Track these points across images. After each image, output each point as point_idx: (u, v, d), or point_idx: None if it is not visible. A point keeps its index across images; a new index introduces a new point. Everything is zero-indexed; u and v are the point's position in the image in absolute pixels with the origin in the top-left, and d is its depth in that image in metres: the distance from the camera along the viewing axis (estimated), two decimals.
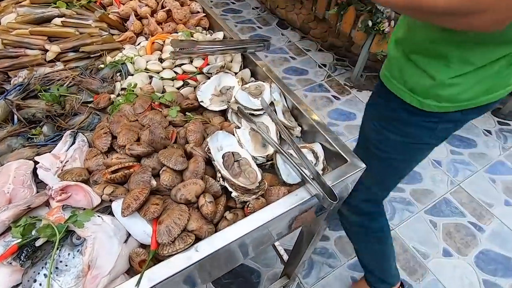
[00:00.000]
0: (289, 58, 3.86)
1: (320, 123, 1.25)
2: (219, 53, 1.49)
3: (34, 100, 1.25)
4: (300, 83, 3.59)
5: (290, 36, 4.16)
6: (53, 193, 0.91)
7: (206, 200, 0.91)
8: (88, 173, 1.00)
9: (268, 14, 4.49)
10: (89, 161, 1.01)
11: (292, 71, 3.73)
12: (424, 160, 1.45)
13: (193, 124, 1.11)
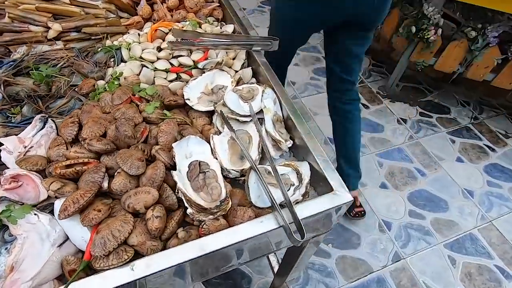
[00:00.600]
0: (322, 58, 3.60)
1: (311, 139, 1.07)
2: (222, 48, 1.36)
3: (24, 78, 1.21)
4: None
5: None
6: (2, 180, 0.85)
7: (154, 214, 0.80)
8: (47, 163, 0.94)
9: None
10: (51, 150, 0.95)
11: (322, 72, 3.47)
12: (454, 188, 1.22)
13: (167, 124, 1.00)
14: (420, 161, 2.85)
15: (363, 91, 3.35)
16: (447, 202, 2.66)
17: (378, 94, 3.34)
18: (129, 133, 0.93)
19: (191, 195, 0.84)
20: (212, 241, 0.82)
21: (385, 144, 2.96)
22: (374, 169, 2.78)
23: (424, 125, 3.13)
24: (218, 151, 1.00)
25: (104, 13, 1.48)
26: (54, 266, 0.77)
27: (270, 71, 1.29)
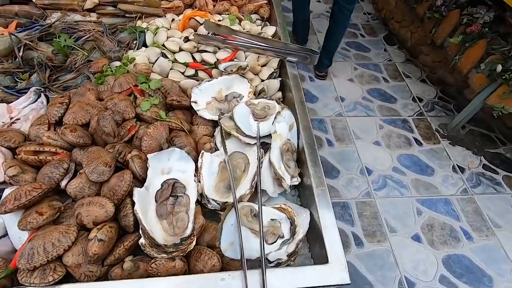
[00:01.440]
0: (381, 79, 3.21)
1: (321, 184, 0.84)
2: (254, 51, 1.17)
3: (46, 44, 1.16)
4: (380, 111, 2.96)
5: (393, 55, 3.46)
6: None
7: (97, 236, 0.66)
8: (24, 141, 0.84)
9: (378, 24, 3.80)
10: (32, 128, 0.85)
11: (377, 94, 3.10)
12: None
13: (155, 128, 0.84)
14: (470, 222, 2.39)
15: (420, 124, 2.92)
16: (492, 279, 2.19)
17: (437, 132, 2.87)
18: (108, 129, 0.79)
19: (146, 224, 0.68)
20: (157, 286, 0.65)
21: (430, 190, 2.54)
22: (409, 215, 2.39)
23: (485, 180, 2.62)
24: (204, 173, 0.82)
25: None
26: None
27: (298, 89, 1.07)
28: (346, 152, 2.68)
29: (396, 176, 2.59)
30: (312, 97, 3.03)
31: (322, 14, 3.95)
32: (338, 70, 3.33)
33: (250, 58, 1.18)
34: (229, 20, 1.28)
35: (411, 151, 2.87)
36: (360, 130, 2.87)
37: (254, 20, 1.40)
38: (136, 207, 0.69)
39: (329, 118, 2.92)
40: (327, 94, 3.08)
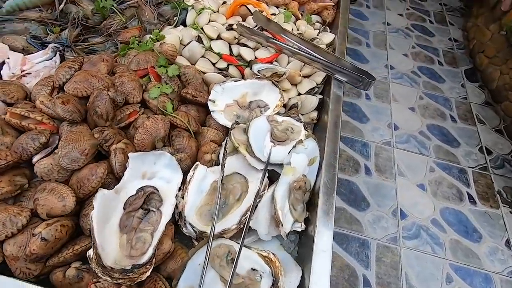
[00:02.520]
0: (448, 116, 2.77)
1: (325, 245, 0.65)
2: (299, 58, 0.98)
3: (88, 1, 1.09)
4: (436, 152, 2.56)
5: (470, 93, 2.96)
6: None
7: (42, 233, 0.55)
8: (25, 98, 0.77)
9: (463, 55, 3.28)
10: (35, 87, 0.78)
11: (438, 132, 2.68)
12: None
13: (153, 121, 0.72)
14: None
15: (480, 179, 2.48)
16: None
17: (499, 194, 2.41)
18: (100, 110, 0.68)
19: (99, 236, 0.56)
20: None
21: (471, 259, 2.15)
22: (436, 279, 2.05)
23: None
24: (192, 189, 0.68)
25: None
26: None
27: (336, 114, 0.87)
28: (383, 186, 2.37)
29: (433, 230, 2.23)
30: (362, 117, 2.73)
31: (401, 30, 3.52)
32: (400, 95, 2.95)
33: (292, 65, 0.99)
34: (284, 16, 1.10)
35: (460, 207, 2.46)
36: (406, 167, 2.52)
37: (313, 22, 1.19)
38: (93, 213, 0.57)
39: (375, 144, 2.61)
40: (380, 118, 2.75)
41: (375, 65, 3.10)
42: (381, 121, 2.70)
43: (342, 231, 2.04)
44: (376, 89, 2.93)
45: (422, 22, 3.61)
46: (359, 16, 3.53)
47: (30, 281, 0.57)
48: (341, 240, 2.05)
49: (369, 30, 3.31)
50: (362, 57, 3.17)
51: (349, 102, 2.79)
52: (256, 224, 0.69)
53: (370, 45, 3.27)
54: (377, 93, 2.92)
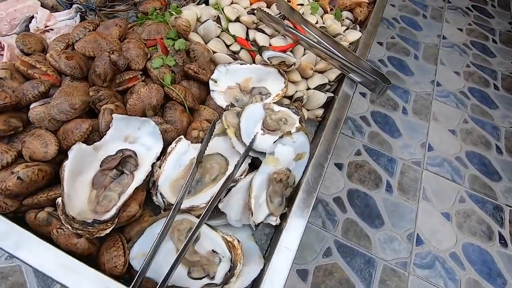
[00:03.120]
0: (493, 147, 2.50)
1: (290, 244, 0.62)
2: (315, 51, 0.93)
3: None
4: (471, 182, 2.34)
5: None
6: None
7: (20, 172, 0.59)
8: (42, 51, 0.83)
9: None
10: (53, 42, 0.83)
11: (478, 161, 2.44)
12: None
13: (148, 89, 0.73)
14: None
15: None
16: None
17: None
18: (99, 70, 0.71)
19: (67, 186, 0.58)
20: (42, 254, 0.56)
21: None
22: None
23: None
24: (170, 160, 0.68)
25: None
26: None
27: (339, 115, 0.82)
28: (403, 207, 2.23)
29: (450, 264, 2.06)
30: (394, 131, 2.58)
31: (457, 46, 3.26)
32: (442, 114, 2.74)
33: (307, 58, 0.95)
34: (311, 7, 1.06)
35: (487, 246, 2.25)
36: (433, 192, 2.34)
37: (343, 18, 1.14)
38: (66, 163, 0.60)
39: (403, 161, 2.46)
40: (414, 135, 2.58)
41: (419, 79, 2.91)
42: (414, 138, 2.53)
43: (348, 244, 1.96)
44: (416, 104, 2.75)
45: (483, 40, 3.30)
46: (412, 25, 3.31)
47: (7, 215, 0.61)
48: (346, 253, 1.97)
49: (421, 42, 3.09)
50: (407, 68, 2.98)
51: (383, 114, 2.65)
52: (227, 208, 0.68)
53: (418, 58, 3.06)
54: (416, 108, 2.73)
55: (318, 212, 2.07)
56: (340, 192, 2.19)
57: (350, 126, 2.54)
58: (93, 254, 0.62)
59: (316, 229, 2.01)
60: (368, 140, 2.47)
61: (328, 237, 1.99)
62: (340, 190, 2.20)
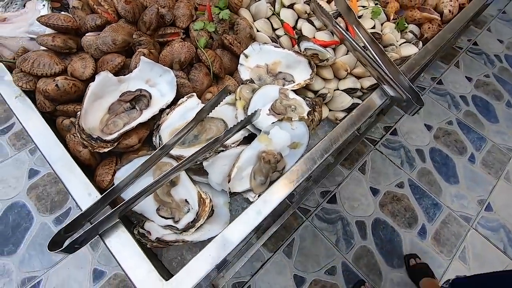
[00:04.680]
0: None
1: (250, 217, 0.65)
2: (357, 55, 0.92)
3: None
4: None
5: None
6: None
7: (59, 81, 0.73)
8: None
9: None
10: None
11: None
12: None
13: (181, 45, 0.81)
14: None
15: None
16: None
17: None
18: (145, 18, 0.82)
19: (87, 104, 0.71)
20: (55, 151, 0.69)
21: None
22: None
23: None
24: (177, 111, 0.76)
25: None
26: None
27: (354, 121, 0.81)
28: (431, 258, 2.05)
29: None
30: (451, 176, 2.33)
31: None
32: None
33: (346, 58, 0.94)
34: (372, 11, 1.03)
35: None
36: (475, 256, 2.10)
37: (407, 30, 1.08)
38: (91, 84, 0.72)
39: (450, 211, 2.23)
40: (473, 188, 2.30)
41: (504, 130, 2.56)
42: (473, 191, 2.26)
43: (356, 271, 1.88)
44: (489, 156, 2.44)
45: None
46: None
47: (44, 114, 0.77)
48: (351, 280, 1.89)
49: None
50: (492, 114, 2.65)
51: (445, 154, 2.41)
52: (210, 168, 0.73)
53: (511, 105, 2.69)
54: (488, 160, 2.43)
55: (336, 229, 2.01)
56: (366, 217, 2.08)
57: (402, 155, 2.37)
58: (92, 167, 0.74)
59: (328, 244, 1.96)
60: (416, 175, 2.28)
61: (337, 256, 1.93)
62: (367, 215, 2.09)
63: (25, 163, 2.03)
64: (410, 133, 2.50)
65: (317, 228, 2.02)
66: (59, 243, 0.59)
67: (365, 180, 2.25)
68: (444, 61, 2.90)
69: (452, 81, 2.78)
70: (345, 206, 2.14)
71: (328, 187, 2.19)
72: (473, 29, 3.14)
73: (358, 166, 2.29)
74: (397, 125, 2.52)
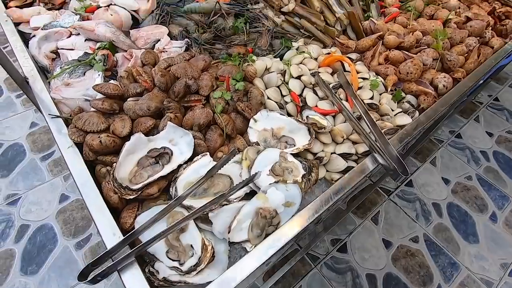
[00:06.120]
0: None
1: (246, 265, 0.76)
2: (352, 124, 1.04)
3: (234, 19, 1.48)
4: None
5: None
6: None
7: (102, 137, 0.92)
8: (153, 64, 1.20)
9: None
10: (162, 61, 1.19)
11: None
12: None
13: (200, 111, 1.00)
14: None
15: None
16: None
17: None
18: (176, 89, 1.03)
19: (122, 158, 0.88)
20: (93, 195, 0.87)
21: None
22: None
23: None
24: (192, 167, 0.92)
25: (333, 21, 1.44)
26: None
27: (343, 185, 0.92)
28: None
29: None
30: (470, 235, 2.31)
31: None
32: None
33: (344, 126, 1.08)
34: (371, 84, 1.18)
35: None
36: None
37: (404, 100, 1.21)
38: (126, 143, 0.91)
39: (469, 272, 2.19)
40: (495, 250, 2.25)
41: None
42: (494, 253, 2.19)
43: None
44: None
45: None
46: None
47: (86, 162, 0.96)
48: None
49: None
50: None
51: (463, 210, 2.38)
52: (215, 219, 0.86)
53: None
54: (511, 221, 2.36)
55: (345, 280, 2.01)
56: (377, 271, 2.07)
57: (417, 208, 2.37)
58: (119, 209, 0.90)
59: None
60: (433, 231, 2.25)
61: None
62: (379, 269, 2.07)
63: (58, 188, 2.26)
64: (426, 185, 2.49)
65: (325, 278, 2.03)
66: (86, 274, 0.74)
67: (378, 231, 2.25)
68: (464, 115, 2.93)
69: (472, 136, 2.79)
70: (355, 257, 2.14)
71: (339, 235, 2.21)
72: (494, 85, 3.18)
73: (371, 215, 2.31)
74: (412, 176, 2.54)
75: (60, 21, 1.33)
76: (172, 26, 1.40)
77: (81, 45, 1.28)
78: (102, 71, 1.10)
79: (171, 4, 1.50)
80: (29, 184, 2.27)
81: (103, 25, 1.25)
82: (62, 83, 1.11)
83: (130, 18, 1.39)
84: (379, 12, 1.51)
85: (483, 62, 1.29)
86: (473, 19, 1.36)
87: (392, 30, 1.32)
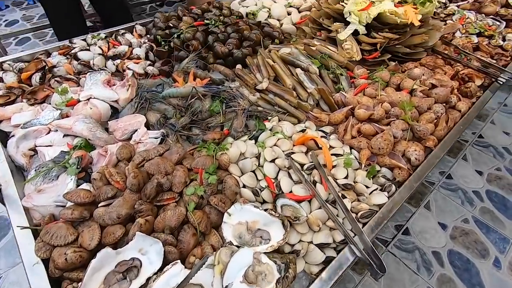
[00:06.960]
0: None
1: None
2: (326, 211, 1.00)
3: (210, 101, 1.50)
4: None
5: None
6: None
7: (68, 253, 0.87)
8: (128, 158, 1.19)
9: None
10: (136, 155, 1.18)
11: None
12: None
13: (172, 213, 0.95)
14: None
15: None
16: None
17: None
18: (147, 191, 0.99)
19: (87, 277, 0.83)
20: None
21: None
22: None
23: None
24: (162, 279, 0.85)
25: (305, 96, 1.46)
26: None
27: (329, 278, 0.85)
28: None
29: None
30: (476, 284, 2.17)
31: None
32: None
33: (319, 212, 1.03)
34: (344, 162, 1.16)
35: None
36: None
37: (379, 175, 1.17)
38: (92, 261, 0.85)
39: None
40: None
41: None
42: None
43: None
44: None
45: None
46: None
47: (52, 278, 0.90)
48: None
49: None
50: (510, 210, 2.50)
51: (465, 258, 2.26)
52: None
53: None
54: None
55: None
56: None
57: (417, 258, 2.24)
58: None
59: None
60: (436, 283, 2.11)
61: None
62: None
63: None
64: (423, 232, 2.39)
65: None
66: None
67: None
68: (451, 154, 2.90)
69: (462, 176, 2.73)
70: None
71: None
72: (477, 122, 3.19)
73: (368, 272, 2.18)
74: (408, 223, 2.44)
75: (40, 118, 1.35)
76: (150, 113, 1.41)
77: (60, 141, 1.27)
78: (75, 175, 1.09)
79: (150, 90, 1.53)
80: None
81: (81, 122, 1.26)
82: (35, 188, 1.08)
83: (109, 109, 1.41)
84: (349, 83, 1.54)
85: (453, 127, 1.28)
86: (438, 85, 1.37)
87: (362, 104, 1.33)
